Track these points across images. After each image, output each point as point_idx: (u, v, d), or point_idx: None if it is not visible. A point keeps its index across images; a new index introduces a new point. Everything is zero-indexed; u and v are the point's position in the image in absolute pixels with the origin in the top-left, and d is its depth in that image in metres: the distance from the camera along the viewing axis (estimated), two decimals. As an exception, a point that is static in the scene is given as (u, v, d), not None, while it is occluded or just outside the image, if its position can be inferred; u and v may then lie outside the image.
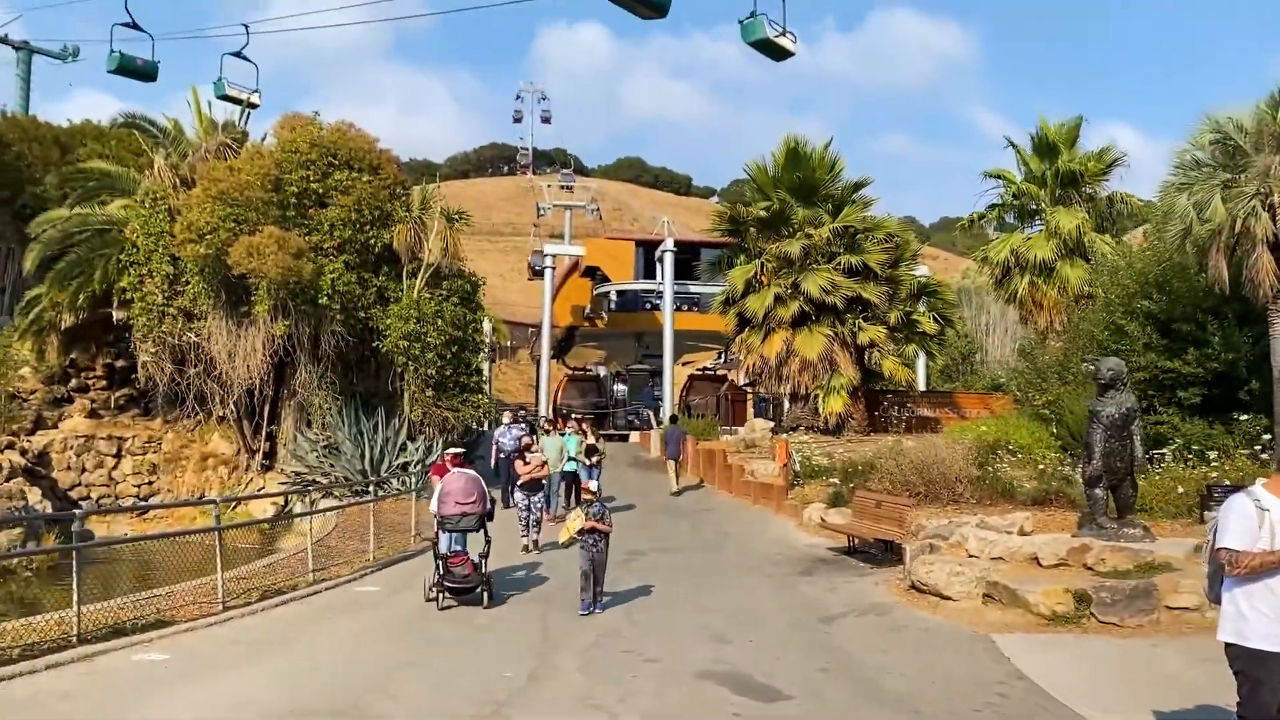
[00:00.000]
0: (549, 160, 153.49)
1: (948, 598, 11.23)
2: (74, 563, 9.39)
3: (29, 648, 8.68)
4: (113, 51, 31.64)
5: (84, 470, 27.32)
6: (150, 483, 27.70)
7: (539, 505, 16.36)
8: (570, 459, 19.87)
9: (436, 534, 11.78)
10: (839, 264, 25.16)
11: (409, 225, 23.17)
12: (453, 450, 13.90)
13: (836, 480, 19.50)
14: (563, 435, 20.40)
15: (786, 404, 32.57)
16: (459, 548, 11.72)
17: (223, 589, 11.14)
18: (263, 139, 28.03)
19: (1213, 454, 17.08)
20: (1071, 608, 10.32)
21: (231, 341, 23.40)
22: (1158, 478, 16.88)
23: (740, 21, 19.99)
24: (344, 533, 17.59)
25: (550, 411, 34.89)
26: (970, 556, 11.90)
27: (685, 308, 36.75)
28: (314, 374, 23.10)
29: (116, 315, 25.81)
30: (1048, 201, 27.54)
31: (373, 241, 23.42)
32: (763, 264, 25.71)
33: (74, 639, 9.05)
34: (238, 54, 31.57)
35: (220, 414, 27.04)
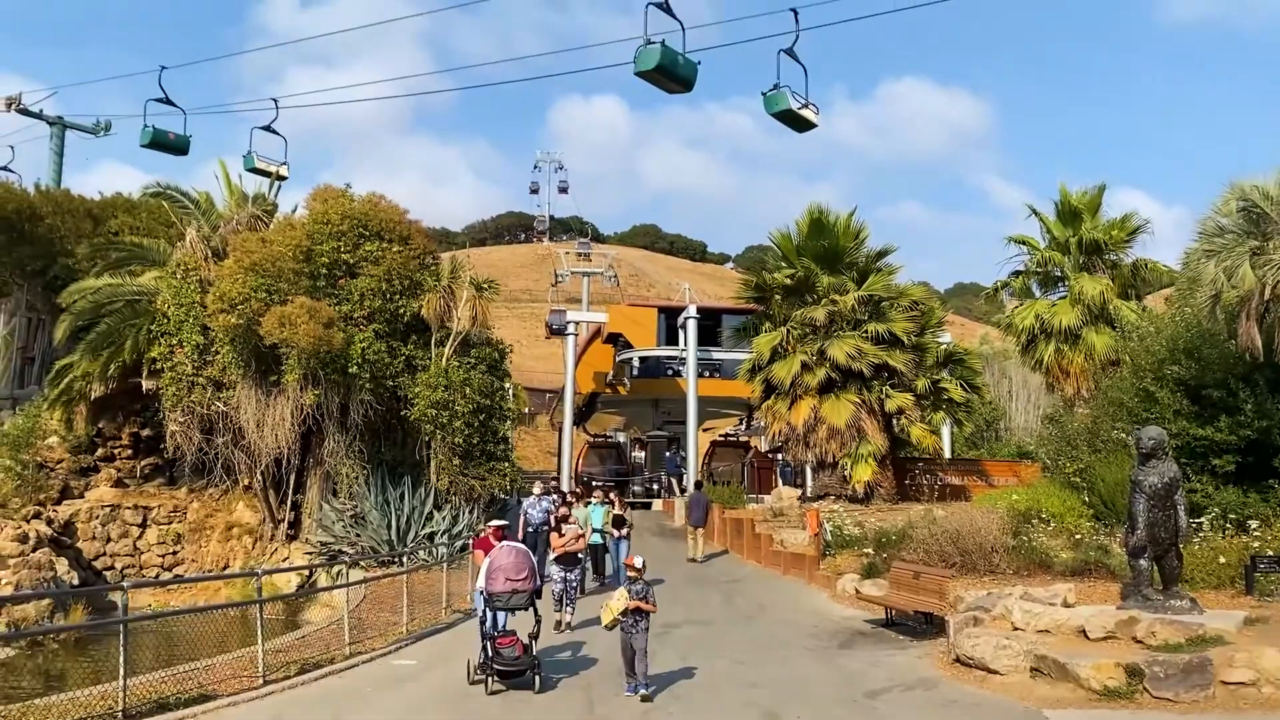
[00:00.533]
0: (565, 228, 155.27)
1: (994, 671, 11.04)
2: (121, 636, 9.36)
3: (75, 724, 8.62)
4: (146, 126, 32.38)
5: (109, 540, 27.33)
6: (175, 552, 27.67)
7: (575, 580, 15.82)
8: (595, 530, 19.65)
9: (484, 612, 11.27)
10: (865, 331, 25.20)
11: (438, 294, 23.40)
12: (496, 523, 13.50)
13: (870, 550, 19.31)
14: (588, 505, 20.26)
15: (809, 471, 32.51)
16: (508, 627, 11.27)
17: (263, 662, 11.06)
18: (293, 211, 28.55)
19: (1254, 523, 16.83)
20: (1123, 682, 10.13)
21: (260, 411, 23.53)
22: (1197, 548, 16.63)
23: (764, 94, 20.35)
24: (373, 604, 17.47)
25: (572, 479, 34.83)
26: (1015, 629, 11.72)
27: (707, 374, 36.78)
28: (342, 443, 23.16)
29: (146, 385, 26.03)
30: (1071, 268, 27.61)
31: (402, 310, 23.65)
32: (788, 330, 25.76)
33: (119, 714, 8.99)
34: (267, 128, 32.26)
35: (246, 483, 27.13)
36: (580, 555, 16.48)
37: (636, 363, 38.18)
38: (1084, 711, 9.78)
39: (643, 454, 44.46)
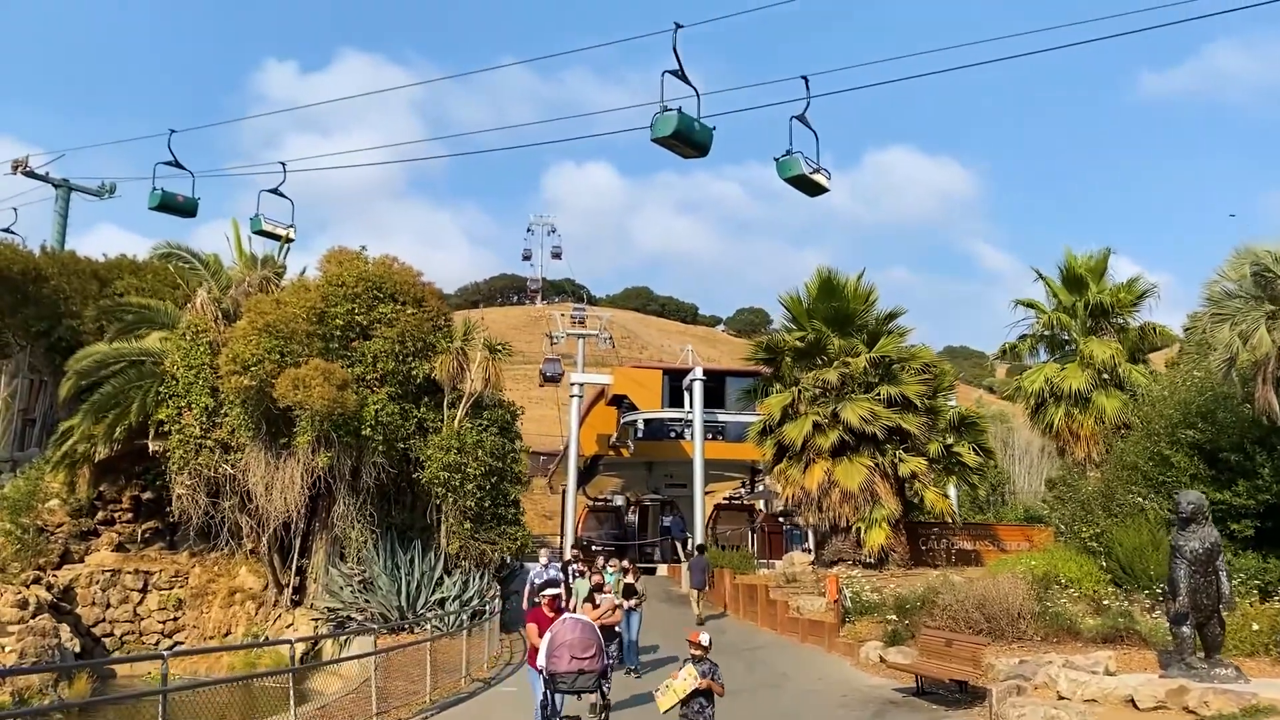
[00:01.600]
0: (559, 290, 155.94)
1: (1044, 744, 10.81)
2: (161, 706, 9.07)
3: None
4: (155, 189, 32.52)
5: (109, 606, 26.78)
6: (176, 618, 27.11)
7: (613, 656, 14.41)
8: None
9: (545, 695, 10.19)
10: (878, 394, 25.19)
11: (451, 356, 23.32)
12: (551, 592, 12.13)
13: (893, 616, 19.04)
14: (597, 574, 19.40)
15: (810, 536, 32.26)
16: (569, 712, 10.35)
17: (296, 735, 10.75)
18: (301, 273, 28.56)
19: (1286, 588, 16.67)
20: (1180, 755, 9.92)
21: (269, 473, 23.26)
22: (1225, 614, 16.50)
23: (776, 159, 20.57)
24: (389, 672, 17.07)
25: (573, 545, 34.42)
26: (1061, 698, 11.52)
27: (710, 436, 36.64)
28: (352, 506, 22.88)
29: (153, 446, 25.74)
30: (1079, 331, 27.75)
31: (414, 372, 23.54)
32: (800, 392, 25.73)
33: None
34: (275, 190, 32.45)
35: (250, 547, 26.70)
36: (616, 629, 15.49)
37: (641, 425, 38.06)
38: (1143, 785, 9.55)
39: (635, 518, 44.16)
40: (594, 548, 34.03)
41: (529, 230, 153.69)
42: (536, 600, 12.49)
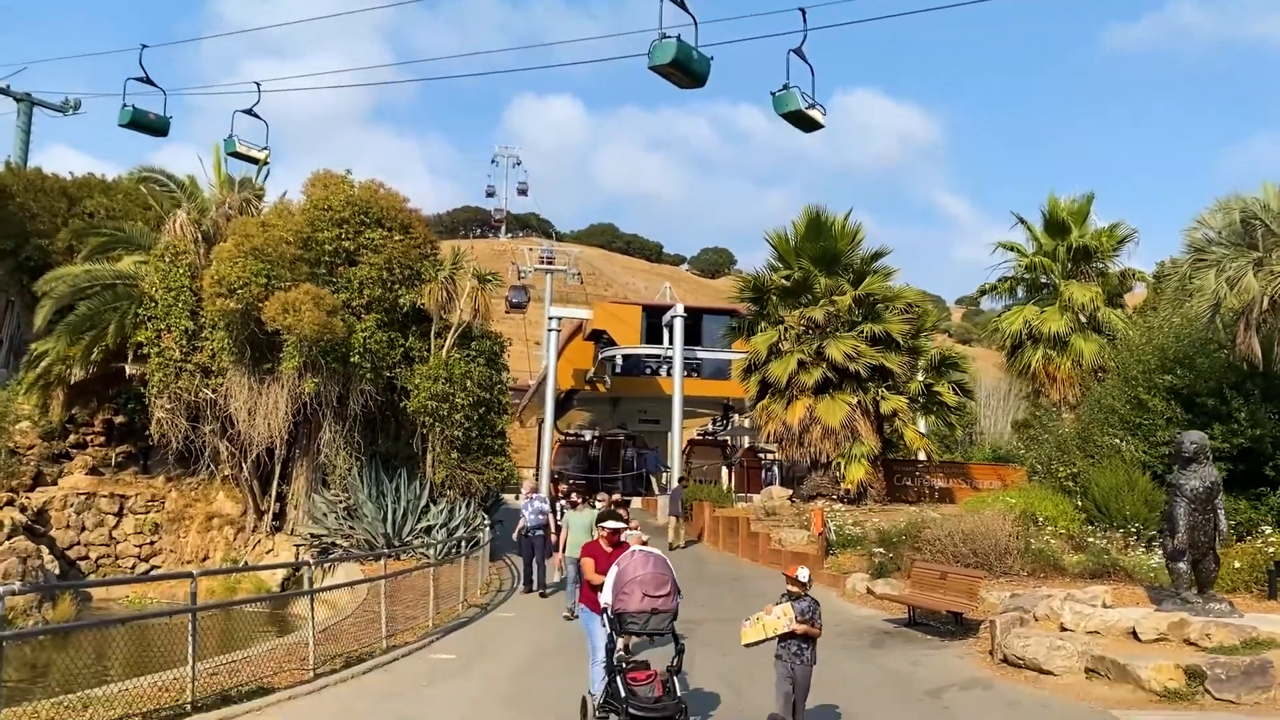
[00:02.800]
0: (523, 224, 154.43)
1: (1048, 672, 11.12)
2: (191, 625, 9.03)
3: (149, 715, 8.30)
4: (125, 106, 31.47)
5: (83, 529, 26.50)
6: (152, 543, 26.90)
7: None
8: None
9: (609, 638, 8.69)
10: (862, 332, 25.37)
11: (440, 285, 23.04)
12: (612, 525, 10.56)
13: (880, 550, 19.37)
14: (593, 509, 18.05)
15: (776, 471, 32.70)
16: (640, 658, 8.88)
17: (314, 656, 10.76)
18: (282, 197, 27.92)
19: (1267, 529, 17.21)
20: (1183, 684, 10.26)
21: (253, 399, 22.96)
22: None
23: (773, 94, 20.37)
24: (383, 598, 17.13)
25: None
26: (1064, 630, 11.82)
27: (686, 373, 36.75)
28: (338, 433, 22.70)
29: (130, 370, 25.30)
30: (1060, 275, 28.05)
31: (401, 301, 23.24)
32: (785, 330, 25.82)
33: (188, 706, 8.68)
34: (249, 111, 31.55)
35: (226, 473, 26.46)
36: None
37: (620, 360, 38.04)
38: (1150, 713, 9.88)
39: (600, 452, 44.40)
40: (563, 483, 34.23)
41: (493, 161, 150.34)
42: (591, 534, 10.65)
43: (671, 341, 33.25)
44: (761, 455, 35.38)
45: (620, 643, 8.89)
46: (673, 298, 45.92)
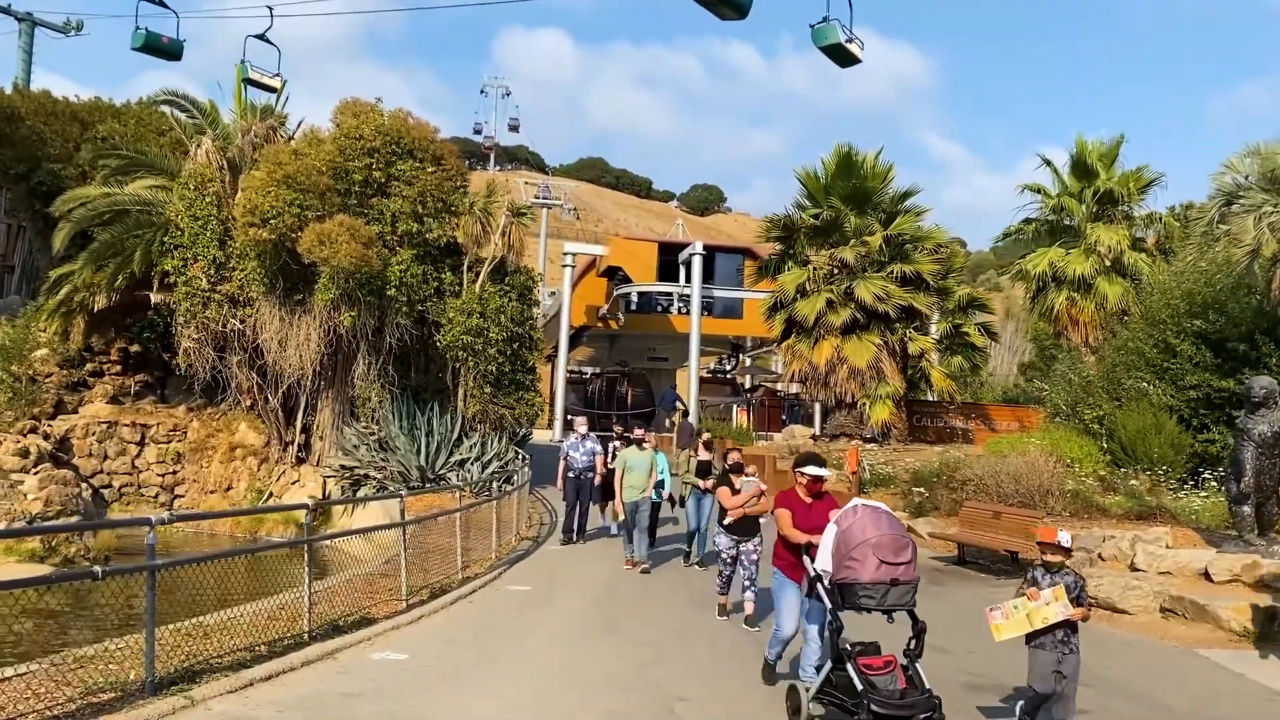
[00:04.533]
0: (511, 157, 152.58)
1: (1123, 611, 11.35)
2: (307, 556, 9.06)
3: (273, 644, 8.36)
4: (138, 28, 30.68)
5: (106, 457, 26.46)
6: (174, 472, 26.91)
7: (756, 558, 11.04)
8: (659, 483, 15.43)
9: (830, 613, 6.93)
10: (891, 273, 25.36)
11: (474, 218, 22.81)
12: (813, 470, 8.30)
13: (920, 489, 19.60)
14: (649, 449, 15.76)
15: (798, 410, 32.95)
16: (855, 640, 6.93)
17: (406, 588, 10.85)
18: (297, 125, 27.44)
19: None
20: (1262, 624, 10.49)
21: (284, 330, 22.83)
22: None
23: (812, 26, 20.15)
24: (431, 532, 17.21)
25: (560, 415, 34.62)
26: (1134, 570, 12.04)
27: (684, 309, 36.74)
28: (373, 366, 22.62)
29: (155, 298, 25.06)
30: (1085, 218, 28.04)
31: (433, 234, 23.01)
32: (814, 270, 25.79)
33: (305, 635, 8.75)
34: (261, 36, 30.82)
35: (248, 403, 26.39)
36: (748, 521, 11.18)
37: (635, 297, 37.97)
38: (1231, 652, 10.10)
39: (598, 387, 44.61)
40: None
41: (482, 92, 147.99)
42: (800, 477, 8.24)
43: (688, 279, 33.19)
44: (783, 395, 35.57)
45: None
46: (685, 235, 45.70)
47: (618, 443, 17.76)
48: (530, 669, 8.55)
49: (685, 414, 29.42)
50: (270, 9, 30.91)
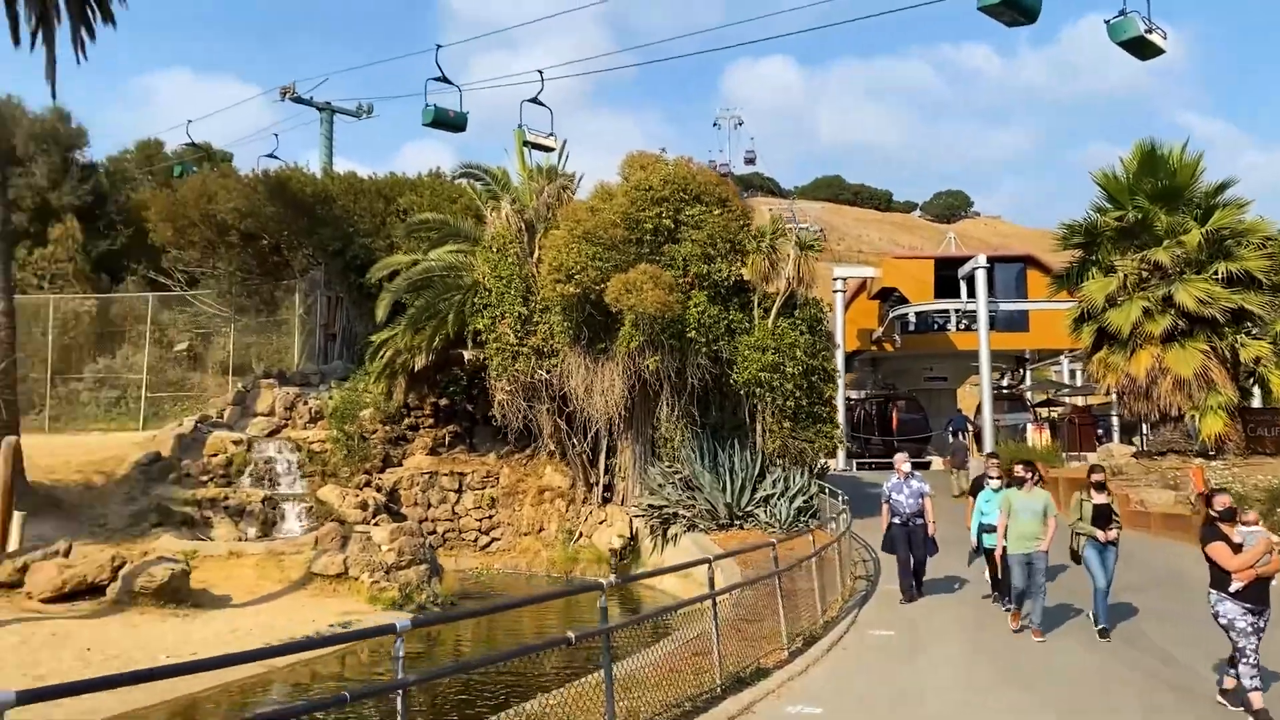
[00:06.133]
0: (746, 185, 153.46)
1: None
2: (713, 609, 9.30)
3: (694, 700, 8.60)
4: (428, 105, 33.08)
5: (429, 505, 28.46)
6: (490, 516, 28.58)
7: (1261, 631, 9.12)
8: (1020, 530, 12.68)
9: None
10: (1214, 273, 23.36)
11: (762, 255, 23.03)
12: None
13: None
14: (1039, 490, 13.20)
15: (1116, 425, 30.81)
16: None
17: (786, 634, 10.92)
18: (577, 181, 28.72)
19: None
20: None
21: (589, 377, 23.84)
22: None
23: (1107, 21, 18.97)
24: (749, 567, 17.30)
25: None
26: None
27: (966, 326, 35.34)
28: (677, 407, 23.21)
29: (468, 355, 26.88)
30: None
31: (722, 274, 23.41)
32: (1125, 276, 24.16)
33: (718, 689, 8.95)
34: (534, 100, 32.45)
35: (552, 448, 27.70)
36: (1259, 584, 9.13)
37: (913, 317, 37.01)
38: None
39: (867, 411, 43.44)
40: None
41: (715, 125, 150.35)
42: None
43: (970, 294, 32.00)
44: (1093, 413, 33.53)
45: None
46: (958, 248, 44.25)
47: (994, 479, 14.48)
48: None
49: (955, 433, 28.66)
50: (540, 73, 32.67)
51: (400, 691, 5.47)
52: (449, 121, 32.92)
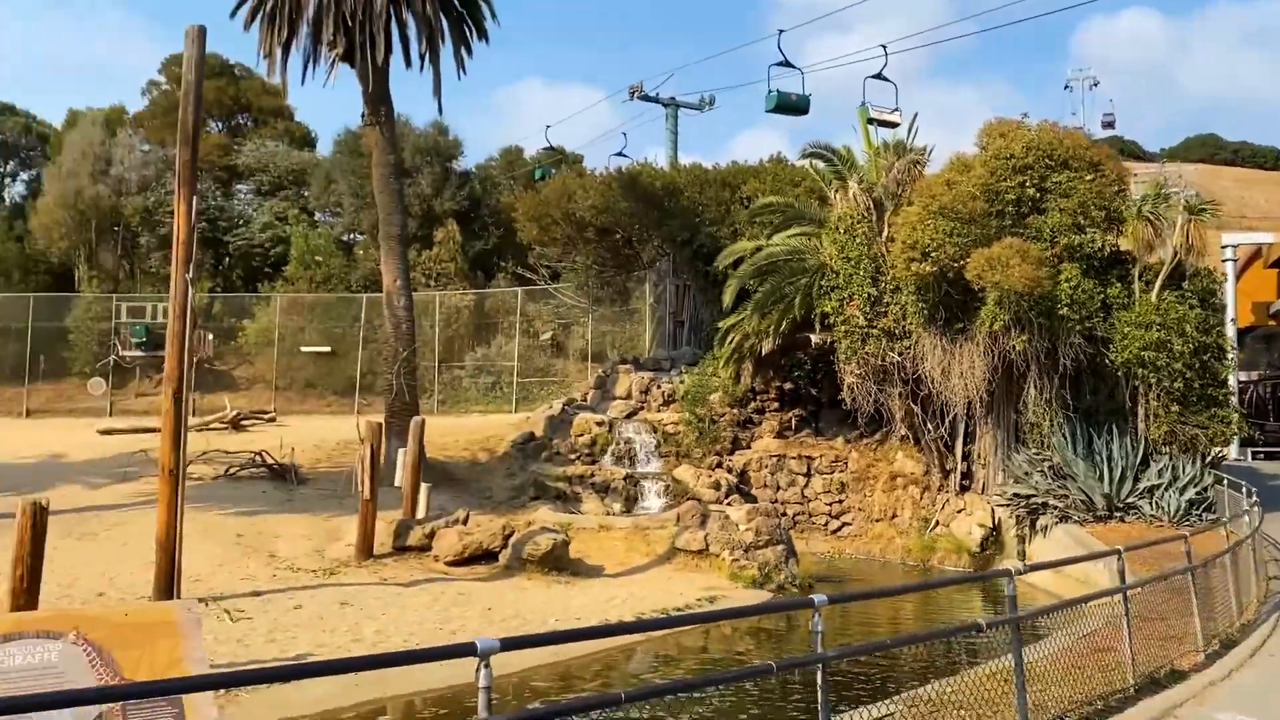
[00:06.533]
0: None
1: None
2: (1124, 603, 8.60)
3: (1106, 699, 7.95)
4: (771, 90, 33.04)
5: (778, 488, 28.68)
6: (840, 500, 28.34)
7: None
8: None
9: None
10: None
11: (1143, 222, 20.99)
12: None
13: None
14: None
15: None
16: None
17: (1202, 635, 9.85)
18: (928, 153, 27.61)
19: None
20: None
21: (946, 359, 22.90)
22: None
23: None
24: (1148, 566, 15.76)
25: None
26: None
27: None
28: (1047, 389, 21.76)
29: (815, 339, 26.78)
30: None
31: (1095, 245, 21.58)
32: None
33: (1131, 689, 8.23)
34: (878, 75, 31.34)
35: (902, 433, 26.90)
36: None
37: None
38: None
39: (1253, 393, 38.22)
40: None
41: (1066, 88, 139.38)
42: None
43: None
44: None
45: None
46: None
47: None
48: None
49: None
50: (884, 48, 31.77)
51: (820, 665, 5.47)
52: (792, 105, 32.96)
